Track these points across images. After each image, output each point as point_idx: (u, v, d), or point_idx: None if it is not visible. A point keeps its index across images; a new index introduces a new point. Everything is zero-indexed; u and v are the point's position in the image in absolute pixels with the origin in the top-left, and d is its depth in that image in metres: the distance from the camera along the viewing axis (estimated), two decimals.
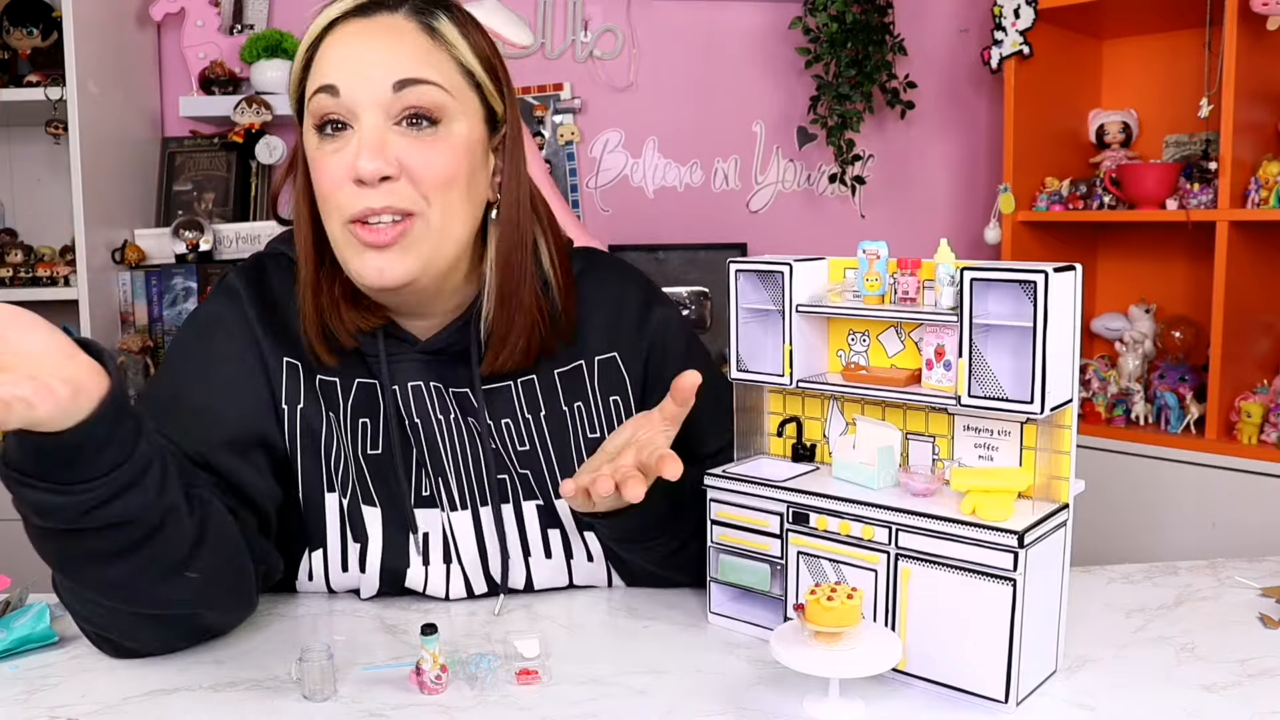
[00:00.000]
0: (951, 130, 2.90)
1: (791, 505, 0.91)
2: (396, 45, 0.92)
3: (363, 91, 0.90)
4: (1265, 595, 1.05)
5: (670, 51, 2.80)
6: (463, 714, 0.81)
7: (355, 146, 0.90)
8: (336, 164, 0.91)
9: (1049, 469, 0.85)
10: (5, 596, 0.97)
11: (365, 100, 0.90)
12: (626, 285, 1.11)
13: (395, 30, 0.93)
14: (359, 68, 0.91)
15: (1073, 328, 0.83)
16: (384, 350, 1.01)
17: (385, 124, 0.91)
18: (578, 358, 1.06)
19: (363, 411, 1.01)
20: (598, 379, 1.06)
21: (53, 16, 2.45)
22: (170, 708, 0.83)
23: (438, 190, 0.93)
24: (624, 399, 1.07)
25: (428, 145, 0.92)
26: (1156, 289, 2.60)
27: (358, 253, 0.92)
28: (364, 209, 0.90)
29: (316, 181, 0.94)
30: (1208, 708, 0.82)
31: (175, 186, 2.64)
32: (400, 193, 0.91)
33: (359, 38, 0.92)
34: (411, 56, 0.92)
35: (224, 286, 1.03)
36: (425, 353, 1.02)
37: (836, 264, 0.96)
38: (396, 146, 0.91)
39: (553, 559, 1.04)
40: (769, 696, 0.84)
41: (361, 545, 1.01)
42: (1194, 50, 2.41)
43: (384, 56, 0.91)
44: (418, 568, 1.01)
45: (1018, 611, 0.80)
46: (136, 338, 2.39)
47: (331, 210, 0.93)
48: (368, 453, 1.01)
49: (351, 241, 0.92)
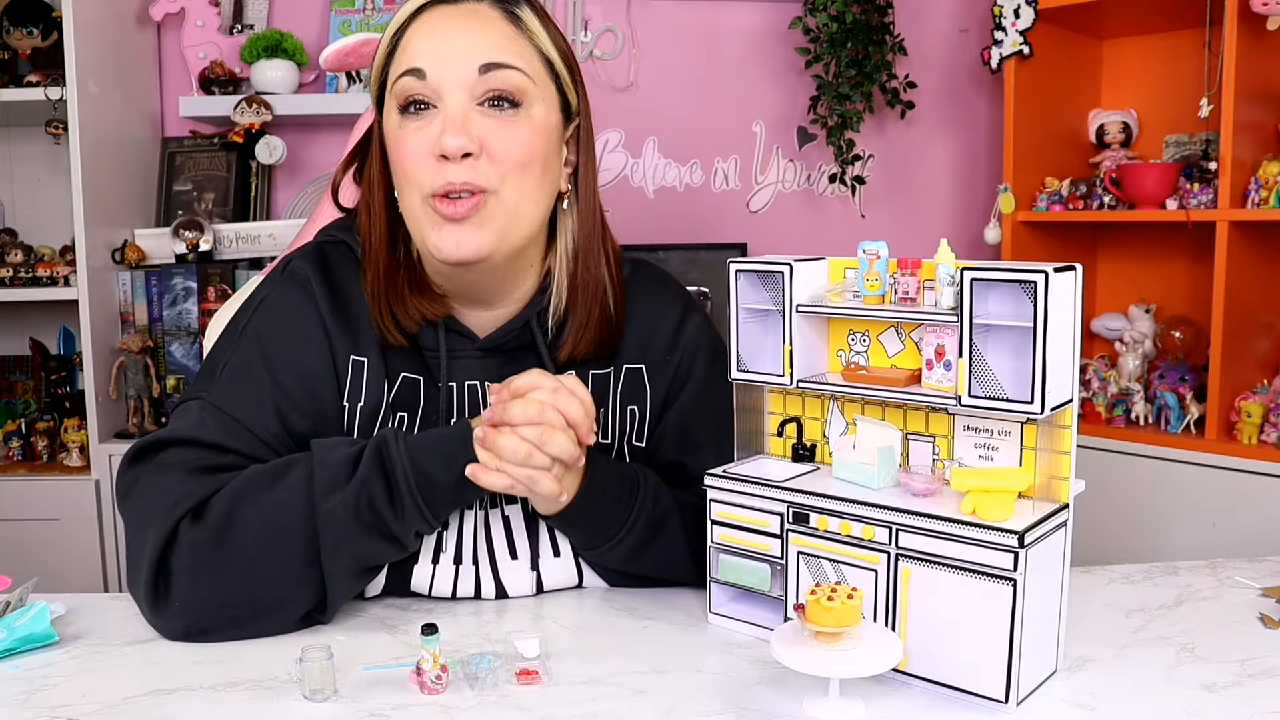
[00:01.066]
0: (951, 130, 2.90)
1: (792, 505, 0.91)
2: (482, 30, 0.96)
3: (449, 74, 0.94)
4: (1265, 595, 1.05)
5: (670, 51, 2.80)
6: (463, 714, 0.82)
7: (439, 124, 0.94)
8: (419, 141, 0.95)
9: (1049, 469, 0.85)
10: (5, 596, 0.97)
11: (451, 82, 0.94)
12: (665, 302, 1.13)
13: (481, 17, 0.97)
14: (445, 51, 0.95)
15: (1073, 328, 0.83)
16: (444, 343, 1.03)
17: (469, 104, 0.95)
18: (610, 363, 1.08)
19: (403, 406, 1.03)
20: (622, 387, 1.09)
21: (53, 16, 2.45)
22: (170, 708, 0.83)
23: (515, 169, 0.96)
24: (641, 410, 1.09)
25: (508, 126, 0.96)
26: (1156, 289, 2.60)
27: (436, 226, 0.96)
28: (445, 184, 0.94)
29: (397, 158, 0.97)
30: (1208, 708, 0.82)
31: (175, 186, 2.64)
32: (480, 170, 0.94)
33: (446, 23, 0.96)
34: (496, 42, 0.96)
35: (291, 274, 1.04)
36: (483, 349, 1.05)
37: (836, 264, 0.96)
38: (479, 125, 0.95)
39: (561, 557, 1.05)
40: (769, 696, 0.84)
41: None
42: (1194, 50, 2.41)
43: (470, 41, 0.95)
44: (425, 565, 1.02)
45: (1018, 611, 0.80)
46: (136, 338, 2.39)
47: (412, 186, 0.96)
48: None
49: (431, 215, 0.96)
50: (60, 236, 2.51)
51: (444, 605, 1.04)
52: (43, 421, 2.45)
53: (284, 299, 1.03)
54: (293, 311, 1.02)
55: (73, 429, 2.36)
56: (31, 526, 2.28)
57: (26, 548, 2.26)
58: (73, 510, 2.29)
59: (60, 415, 2.48)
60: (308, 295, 1.02)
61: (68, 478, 2.32)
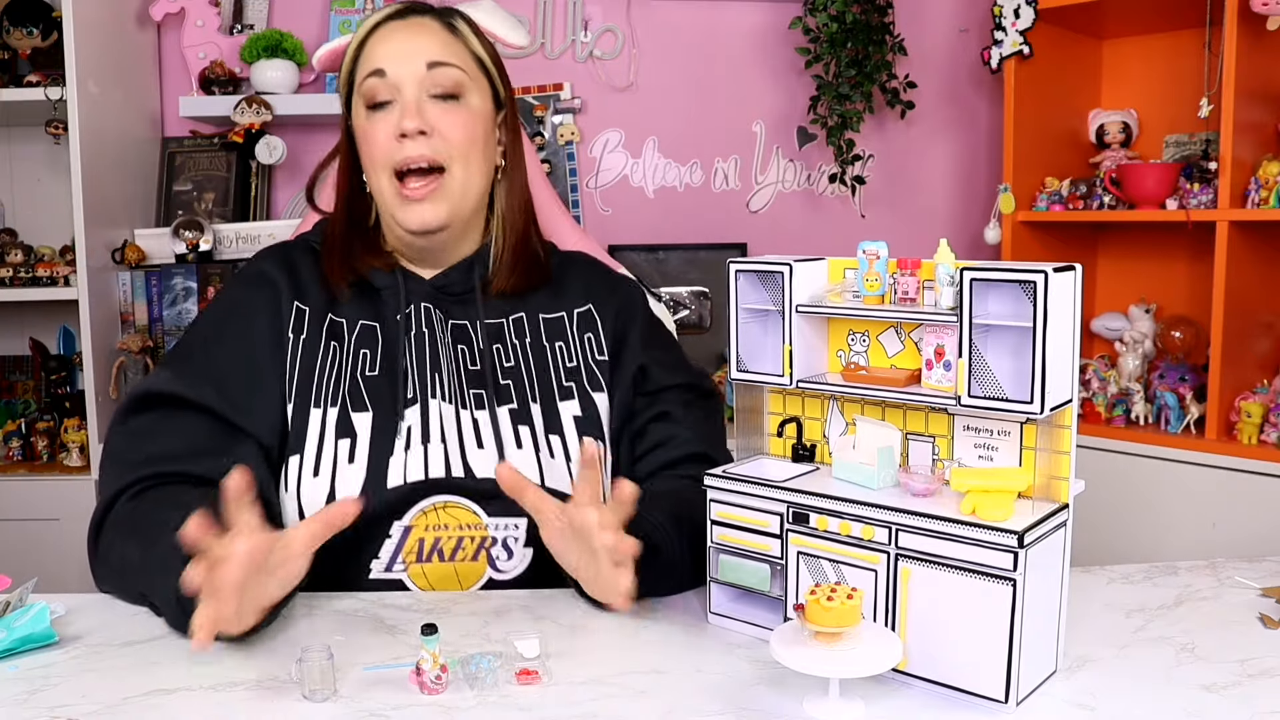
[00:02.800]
0: (951, 130, 2.90)
1: (791, 505, 0.91)
2: (427, 37, 1.20)
3: (404, 70, 1.17)
4: (1265, 595, 1.05)
5: (670, 51, 2.80)
6: (463, 714, 0.82)
7: (399, 113, 1.16)
8: (383, 128, 1.17)
9: (1049, 469, 0.85)
10: (5, 596, 0.97)
11: (406, 77, 1.17)
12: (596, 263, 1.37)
13: (425, 27, 1.21)
14: (400, 53, 1.18)
15: (1073, 328, 0.83)
16: (401, 278, 1.23)
17: (421, 95, 1.17)
18: (560, 310, 1.27)
19: (365, 344, 1.20)
20: (575, 324, 1.27)
21: (53, 16, 2.45)
22: (170, 708, 0.83)
23: (460, 148, 1.18)
24: (596, 338, 1.26)
25: (452, 112, 1.18)
26: (1156, 289, 2.60)
27: (403, 204, 1.18)
28: (404, 158, 1.16)
29: (367, 145, 1.19)
30: (1208, 708, 0.82)
31: (175, 186, 2.64)
32: (434, 146, 1.16)
33: (399, 33, 1.20)
34: (438, 45, 1.19)
35: (254, 258, 1.27)
36: (434, 286, 1.24)
37: (836, 264, 0.96)
38: (430, 112, 1.17)
39: (523, 449, 1.16)
40: (769, 696, 0.84)
41: (351, 440, 1.14)
42: (1194, 50, 2.41)
43: (418, 44, 1.19)
44: (399, 454, 1.13)
45: (1018, 611, 0.80)
46: (136, 338, 2.39)
47: (380, 166, 1.18)
48: (366, 374, 1.18)
49: (397, 195, 1.18)
50: (60, 236, 2.51)
51: (444, 605, 1.04)
52: (43, 421, 2.45)
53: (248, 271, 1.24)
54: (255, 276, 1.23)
55: (73, 429, 2.36)
56: (31, 526, 2.28)
57: (26, 548, 2.26)
58: (73, 510, 2.29)
59: (60, 415, 2.48)
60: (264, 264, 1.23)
61: (68, 478, 2.32)
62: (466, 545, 1.12)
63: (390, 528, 1.11)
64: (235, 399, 1.14)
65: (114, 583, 1.08)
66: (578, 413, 1.20)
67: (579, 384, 1.22)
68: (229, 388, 1.15)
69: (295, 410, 1.16)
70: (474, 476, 1.13)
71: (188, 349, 1.20)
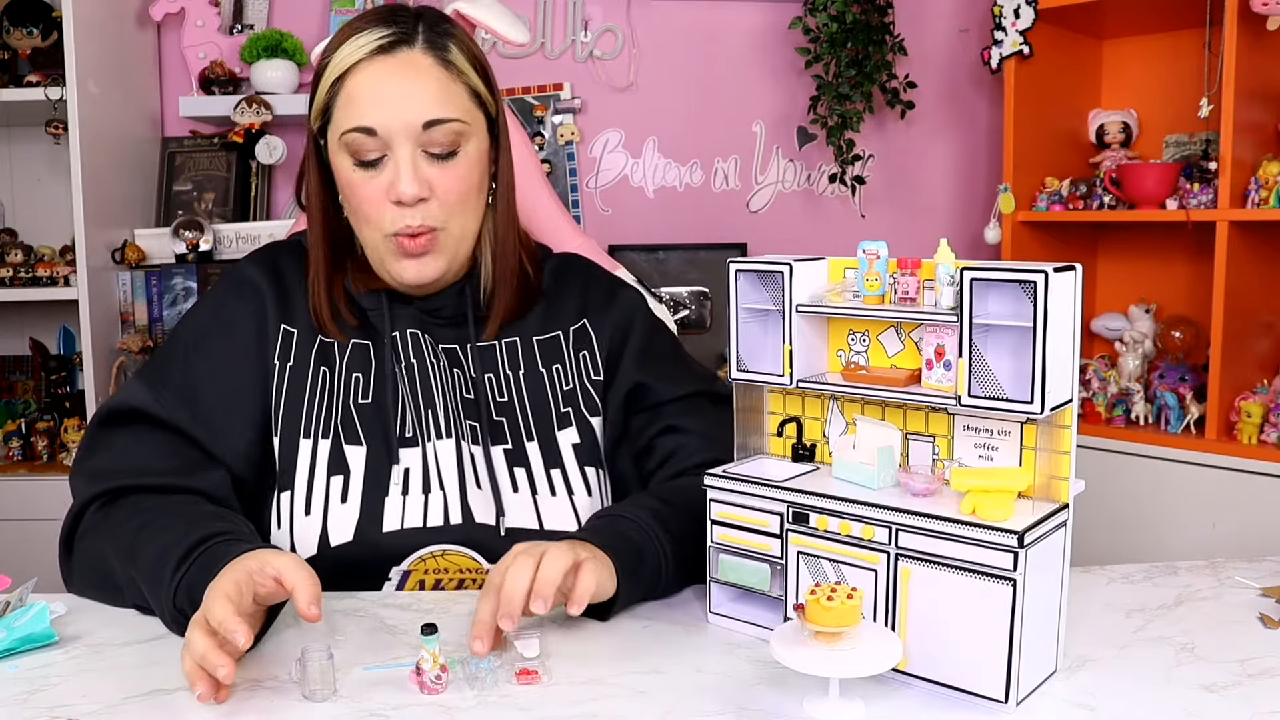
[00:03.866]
0: (951, 130, 2.90)
1: (791, 505, 0.91)
2: (421, 85, 1.07)
3: (397, 129, 1.06)
4: (1265, 595, 1.05)
5: (670, 51, 2.80)
6: (463, 714, 0.82)
7: (392, 171, 1.07)
8: (374, 187, 1.08)
9: (1049, 469, 0.85)
10: (5, 596, 0.97)
11: (400, 136, 1.06)
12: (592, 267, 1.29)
13: (417, 68, 1.07)
14: (391, 109, 1.06)
15: (1073, 328, 0.83)
16: (386, 302, 1.16)
17: (416, 151, 1.07)
18: (555, 329, 1.21)
19: (357, 368, 1.15)
20: (571, 343, 1.21)
21: (53, 16, 2.45)
22: (170, 708, 0.83)
23: (458, 205, 1.10)
24: (591, 355, 1.21)
25: (450, 171, 1.09)
26: (1156, 289, 2.60)
27: (397, 259, 1.11)
28: (404, 227, 1.08)
29: (356, 201, 1.10)
30: (1208, 708, 0.82)
31: (175, 186, 2.64)
32: (431, 211, 1.09)
33: (388, 80, 1.07)
34: (435, 96, 1.07)
35: (243, 261, 1.20)
36: (423, 310, 1.17)
37: (836, 264, 0.96)
38: (427, 172, 1.08)
39: (519, 493, 1.12)
40: (769, 696, 0.84)
41: (344, 478, 1.10)
42: (1194, 50, 2.41)
43: (412, 97, 1.06)
44: (396, 497, 1.09)
45: (1018, 611, 0.80)
46: (136, 338, 2.39)
47: (373, 227, 1.10)
48: (359, 402, 1.13)
49: (392, 250, 1.10)
50: (60, 236, 2.51)
51: (444, 605, 1.04)
52: (43, 421, 2.45)
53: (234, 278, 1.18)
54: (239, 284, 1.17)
55: (73, 429, 2.36)
56: (31, 526, 2.28)
57: (26, 548, 2.25)
58: None
59: (60, 415, 2.48)
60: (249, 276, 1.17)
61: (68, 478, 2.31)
62: (468, 585, 1.10)
63: (389, 571, 1.09)
64: (210, 421, 1.10)
65: (91, 584, 1.06)
66: (576, 440, 1.17)
67: (576, 409, 1.18)
68: (203, 409, 1.11)
69: (283, 442, 1.11)
70: (473, 522, 1.10)
71: (165, 362, 1.15)
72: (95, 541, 1.05)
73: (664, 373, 1.20)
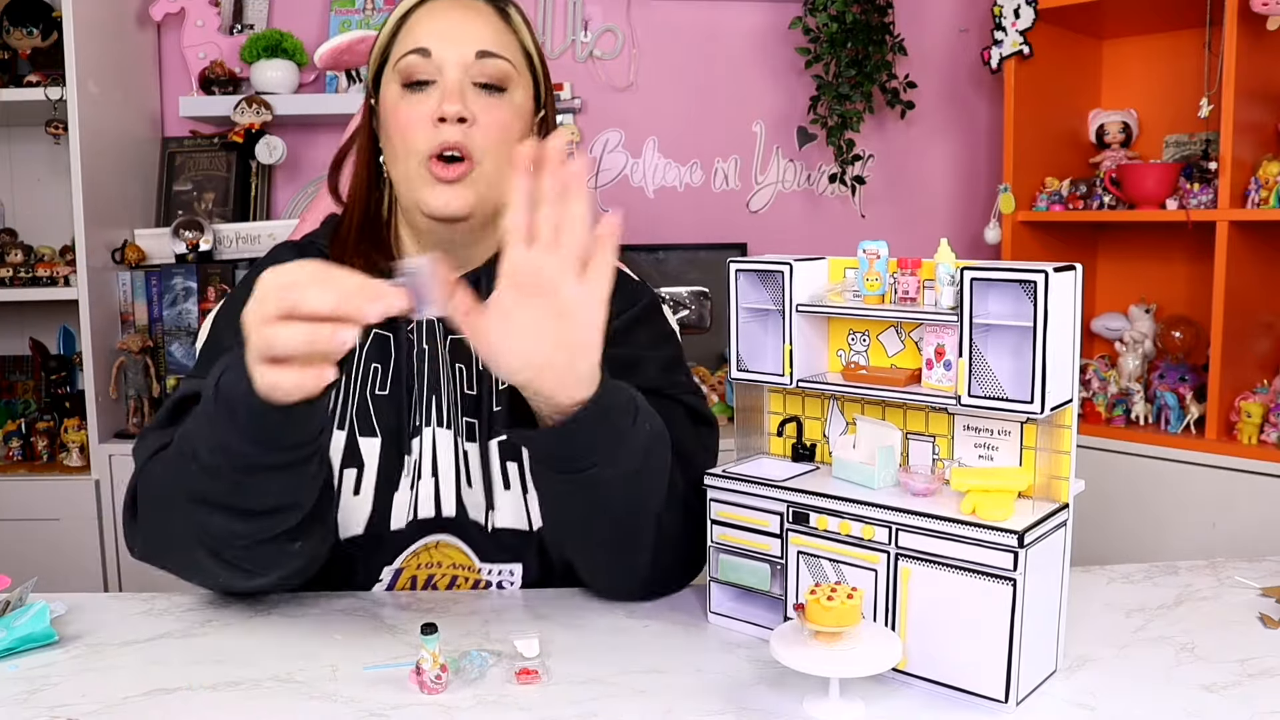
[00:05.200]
0: (951, 130, 2.90)
1: (791, 505, 0.91)
2: (479, 22, 1.12)
3: (450, 53, 1.09)
4: (1265, 595, 1.05)
5: (670, 51, 2.80)
6: (463, 714, 0.82)
7: (438, 96, 1.09)
8: (420, 110, 1.09)
9: (1049, 469, 0.85)
10: (5, 596, 0.97)
11: (452, 60, 1.09)
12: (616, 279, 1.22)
13: (477, 10, 1.13)
14: (448, 35, 1.10)
15: (1073, 328, 0.83)
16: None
17: (465, 80, 1.10)
18: None
19: (375, 357, 1.15)
20: None
21: (53, 16, 2.45)
22: (170, 708, 0.83)
23: (495, 142, 1.10)
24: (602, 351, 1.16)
25: (495, 105, 1.11)
26: (1156, 289, 2.60)
27: (429, 185, 1.09)
28: (441, 143, 1.08)
29: (396, 126, 1.10)
30: (1208, 708, 0.82)
31: (175, 186, 2.64)
32: (471, 136, 1.09)
33: (449, 12, 1.12)
34: (489, 33, 1.12)
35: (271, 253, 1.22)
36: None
37: (836, 264, 0.96)
38: (473, 100, 1.09)
39: (511, 490, 1.12)
40: (769, 696, 0.84)
41: (358, 470, 1.11)
42: (1194, 50, 2.41)
43: (469, 29, 1.11)
44: (405, 491, 1.10)
45: (1018, 611, 0.80)
46: (136, 338, 2.39)
47: (410, 150, 1.09)
48: (375, 393, 1.14)
49: (425, 175, 1.09)
50: (60, 236, 2.51)
51: (444, 605, 1.04)
52: (43, 421, 2.45)
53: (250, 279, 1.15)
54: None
55: (73, 429, 2.36)
56: (31, 526, 2.28)
57: (26, 548, 2.26)
58: (73, 510, 2.29)
59: (60, 415, 2.48)
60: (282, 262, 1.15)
61: (68, 478, 2.32)
62: (461, 584, 1.12)
63: (381, 572, 1.10)
64: None
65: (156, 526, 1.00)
66: None
67: None
68: None
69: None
70: (466, 516, 1.11)
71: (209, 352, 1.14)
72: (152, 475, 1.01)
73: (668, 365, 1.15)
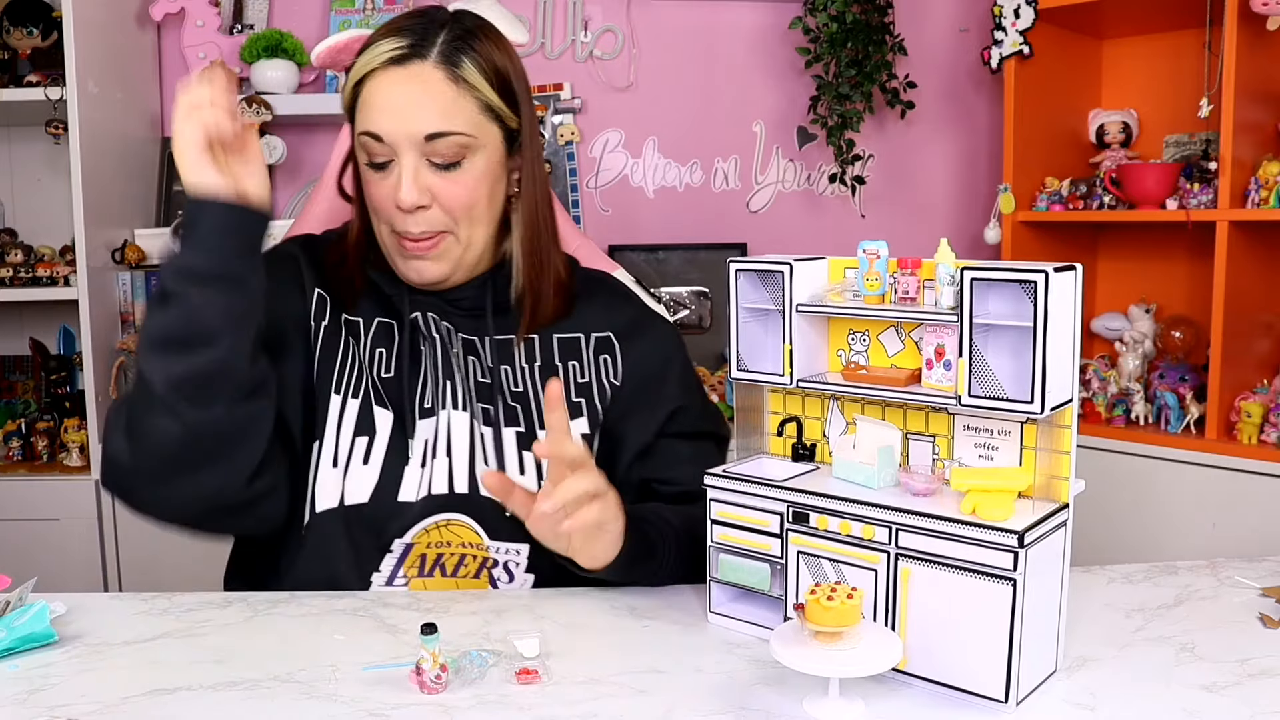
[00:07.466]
0: (951, 130, 2.90)
1: (792, 505, 0.91)
2: (426, 98, 1.09)
3: (402, 138, 1.09)
4: (1265, 595, 1.05)
5: (670, 51, 2.80)
6: (463, 714, 0.82)
7: (397, 178, 1.10)
8: (384, 190, 1.12)
9: (1049, 469, 0.85)
10: (5, 596, 0.97)
11: (404, 143, 1.09)
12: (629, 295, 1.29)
13: (424, 81, 1.09)
14: (397, 118, 1.09)
15: (1073, 328, 0.83)
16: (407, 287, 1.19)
17: (420, 160, 1.10)
18: (576, 330, 1.22)
19: (380, 343, 1.18)
20: (592, 347, 1.22)
21: (53, 16, 2.45)
22: (170, 708, 0.83)
23: (463, 209, 1.13)
24: (612, 359, 1.21)
25: (452, 181, 1.11)
26: (1156, 289, 2.60)
27: (403, 257, 1.15)
28: (405, 231, 1.12)
29: (369, 196, 1.15)
30: (1208, 708, 0.82)
31: (175, 186, 2.64)
32: (433, 218, 1.12)
33: (396, 89, 1.10)
34: (439, 108, 1.09)
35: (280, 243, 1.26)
36: (445, 300, 1.20)
37: (836, 264, 0.96)
38: (429, 180, 1.11)
39: (526, 476, 1.15)
40: (769, 696, 0.84)
41: (369, 439, 1.13)
42: (1194, 50, 2.41)
43: (417, 110, 1.09)
44: (415, 468, 1.12)
45: (1018, 611, 0.80)
46: (136, 337, 2.39)
47: (383, 222, 1.15)
48: (382, 375, 1.17)
49: (398, 248, 1.14)
50: (60, 236, 2.51)
51: (444, 605, 1.04)
52: (43, 421, 2.45)
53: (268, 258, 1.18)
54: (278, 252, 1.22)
55: (73, 429, 2.36)
56: (31, 526, 2.28)
57: (26, 548, 2.26)
58: (73, 510, 2.29)
59: (60, 415, 2.48)
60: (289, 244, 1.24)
61: (68, 478, 2.32)
62: (469, 563, 1.12)
63: (392, 544, 1.11)
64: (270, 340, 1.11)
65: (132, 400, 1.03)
66: (586, 430, 1.18)
67: (589, 400, 1.19)
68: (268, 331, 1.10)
69: (317, 394, 1.15)
70: (479, 493, 1.12)
71: None
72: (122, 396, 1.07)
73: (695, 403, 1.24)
